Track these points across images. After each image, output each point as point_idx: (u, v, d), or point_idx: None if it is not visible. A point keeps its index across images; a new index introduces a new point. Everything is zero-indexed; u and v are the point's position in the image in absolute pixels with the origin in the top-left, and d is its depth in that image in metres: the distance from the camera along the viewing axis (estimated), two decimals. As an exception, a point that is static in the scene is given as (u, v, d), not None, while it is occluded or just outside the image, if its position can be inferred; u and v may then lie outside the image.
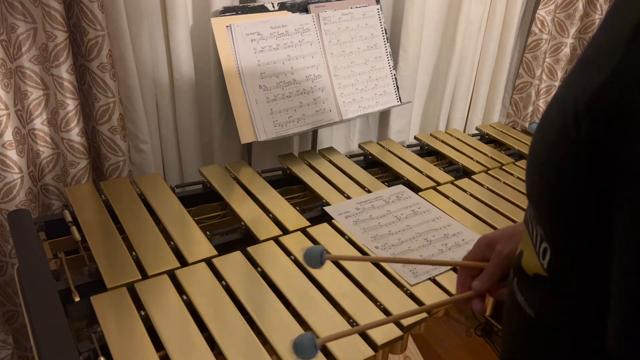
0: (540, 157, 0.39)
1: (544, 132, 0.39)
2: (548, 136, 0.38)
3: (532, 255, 0.43)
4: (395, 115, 1.62)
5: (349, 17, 1.37)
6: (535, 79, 1.80)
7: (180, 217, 1.02)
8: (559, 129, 0.35)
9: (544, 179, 0.39)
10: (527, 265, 0.45)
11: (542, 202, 0.40)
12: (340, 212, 1.09)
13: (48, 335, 0.73)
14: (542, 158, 0.39)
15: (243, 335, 0.78)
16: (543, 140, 0.39)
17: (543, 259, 0.41)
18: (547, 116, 0.40)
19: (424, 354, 1.65)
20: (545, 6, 1.70)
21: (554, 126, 0.37)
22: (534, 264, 0.43)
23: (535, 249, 0.42)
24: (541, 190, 0.40)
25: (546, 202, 0.40)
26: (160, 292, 0.84)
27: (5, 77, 1.02)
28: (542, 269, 0.41)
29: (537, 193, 0.41)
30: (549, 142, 0.38)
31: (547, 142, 0.38)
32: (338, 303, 0.85)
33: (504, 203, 1.20)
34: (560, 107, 0.36)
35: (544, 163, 0.39)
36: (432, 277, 0.94)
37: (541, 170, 0.39)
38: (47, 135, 1.15)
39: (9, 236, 1.11)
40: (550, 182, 0.38)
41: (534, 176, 0.41)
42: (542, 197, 0.40)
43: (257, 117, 1.23)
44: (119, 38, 1.14)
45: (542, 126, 0.40)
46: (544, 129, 0.40)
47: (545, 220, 0.41)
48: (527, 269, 0.44)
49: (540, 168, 0.40)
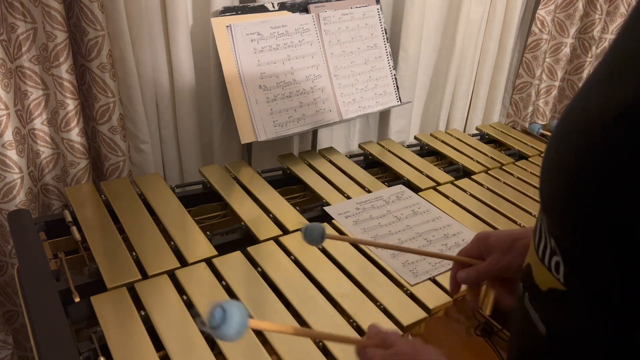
0: (560, 170, 0.38)
1: (562, 144, 0.38)
2: (568, 149, 0.37)
3: (542, 269, 0.41)
4: (395, 115, 1.62)
5: (349, 17, 1.37)
6: (535, 79, 1.80)
7: (180, 217, 1.02)
8: (584, 142, 0.34)
9: (566, 191, 0.37)
10: (540, 280, 0.43)
11: (563, 215, 0.39)
12: (340, 212, 1.09)
13: (48, 335, 0.73)
14: (562, 171, 0.38)
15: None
16: (562, 153, 0.38)
17: (557, 273, 0.40)
18: (565, 128, 0.38)
19: (424, 354, 1.64)
20: (545, 6, 1.70)
21: (576, 140, 0.36)
22: (547, 278, 0.41)
23: (545, 262, 0.41)
24: (562, 203, 0.38)
25: (568, 215, 0.38)
26: (160, 292, 0.84)
27: (5, 77, 1.02)
28: (559, 283, 0.40)
29: (556, 206, 0.39)
30: (570, 155, 0.37)
31: (567, 155, 0.37)
32: (338, 303, 0.85)
33: (504, 203, 1.20)
34: (583, 120, 0.35)
35: (566, 175, 0.37)
36: (432, 277, 0.94)
37: (562, 182, 0.38)
38: (47, 135, 1.15)
39: (9, 236, 1.11)
40: (575, 194, 0.36)
41: (552, 189, 0.40)
42: (563, 210, 0.38)
43: (257, 117, 1.23)
44: (119, 38, 1.14)
45: (559, 138, 0.39)
46: (561, 142, 0.38)
47: (563, 232, 0.39)
48: (540, 284, 0.43)
49: (560, 180, 0.38)
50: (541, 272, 0.42)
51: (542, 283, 0.42)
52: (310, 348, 0.77)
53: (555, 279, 0.40)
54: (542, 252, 0.42)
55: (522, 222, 1.13)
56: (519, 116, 1.88)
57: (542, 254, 0.42)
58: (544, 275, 0.41)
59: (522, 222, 1.12)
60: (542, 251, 0.42)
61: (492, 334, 1.81)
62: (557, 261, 0.39)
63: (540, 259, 0.42)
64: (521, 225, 1.12)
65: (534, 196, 1.24)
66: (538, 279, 0.43)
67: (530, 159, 1.46)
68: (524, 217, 1.15)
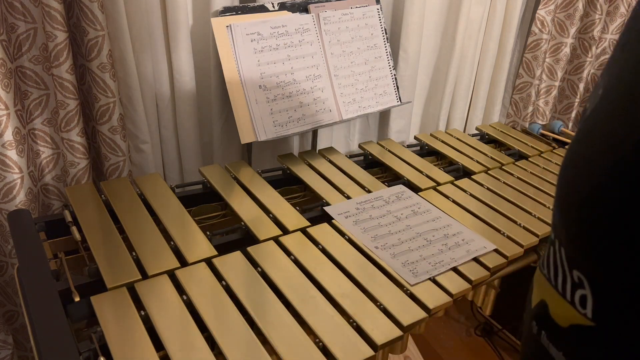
0: (582, 196, 0.36)
1: (583, 167, 0.36)
2: (591, 172, 0.35)
3: (563, 304, 0.39)
4: (395, 115, 1.62)
5: (349, 17, 1.37)
6: (535, 79, 1.80)
7: (180, 217, 1.02)
8: (611, 164, 0.33)
9: (590, 218, 0.35)
10: (559, 317, 0.40)
11: (587, 244, 0.36)
12: (340, 212, 1.09)
13: (48, 335, 0.73)
14: (584, 196, 0.36)
15: (243, 335, 0.78)
16: (583, 177, 0.36)
17: (583, 308, 0.37)
18: (582, 151, 0.36)
19: (424, 354, 1.65)
20: (545, 6, 1.70)
21: (601, 161, 0.34)
22: (569, 314, 0.39)
23: (567, 297, 0.39)
24: (586, 231, 0.36)
25: (594, 244, 0.36)
26: (160, 292, 0.84)
27: (5, 77, 1.02)
28: (585, 319, 0.37)
29: (578, 234, 0.37)
30: (594, 179, 0.35)
31: (590, 179, 0.35)
32: (338, 303, 0.85)
33: (504, 203, 1.20)
34: (607, 141, 0.33)
35: (589, 201, 0.35)
36: (432, 277, 0.94)
37: (585, 209, 0.36)
38: (47, 135, 1.15)
39: (9, 236, 1.11)
40: (601, 221, 0.34)
41: (573, 217, 0.37)
42: (587, 238, 0.36)
43: (257, 117, 1.23)
44: (119, 38, 1.14)
45: (576, 161, 0.37)
46: (581, 165, 0.36)
47: (591, 262, 0.37)
48: (561, 320, 0.40)
49: (583, 207, 0.36)
50: (562, 307, 0.40)
51: (563, 319, 0.40)
52: (310, 348, 0.77)
53: (580, 314, 0.38)
54: (561, 285, 0.39)
55: (522, 222, 1.13)
56: (519, 116, 1.88)
57: (562, 288, 0.39)
58: (566, 311, 0.39)
59: (522, 222, 1.12)
60: (561, 285, 0.39)
61: (492, 334, 1.81)
62: (582, 295, 0.37)
63: (561, 294, 0.39)
64: (521, 225, 1.12)
65: (534, 196, 1.24)
66: (557, 315, 0.41)
67: (530, 159, 1.46)
68: (524, 217, 1.15)
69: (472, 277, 0.96)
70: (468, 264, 0.99)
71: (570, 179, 0.38)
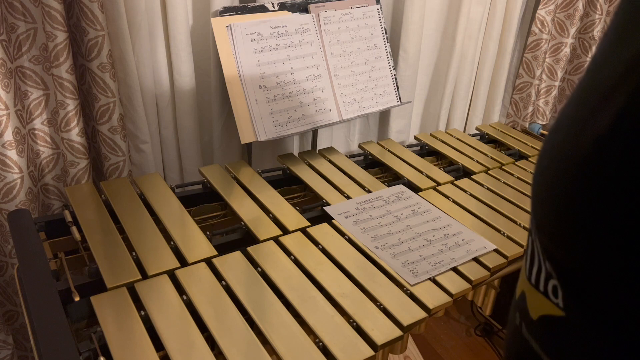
0: (555, 189, 0.37)
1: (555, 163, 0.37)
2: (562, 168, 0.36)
3: (537, 295, 0.40)
4: (395, 115, 1.63)
5: (349, 17, 1.37)
6: (535, 79, 1.81)
7: (180, 217, 1.02)
8: (580, 161, 0.34)
9: (563, 211, 0.36)
10: (532, 308, 0.41)
11: (558, 232, 0.37)
12: (340, 212, 1.09)
13: (48, 335, 0.73)
14: (556, 189, 0.37)
15: (243, 335, 0.78)
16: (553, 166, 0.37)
17: (555, 297, 0.38)
18: (551, 140, 0.37)
19: (424, 354, 1.65)
20: (545, 6, 1.70)
21: (571, 158, 0.35)
22: (541, 304, 0.39)
23: (540, 288, 0.39)
24: (556, 219, 0.37)
25: (563, 232, 0.36)
26: (160, 292, 0.84)
27: (5, 77, 1.02)
28: (557, 309, 0.38)
29: (550, 223, 0.38)
30: (566, 173, 0.35)
31: (562, 173, 0.36)
32: (338, 303, 0.85)
33: (504, 203, 1.20)
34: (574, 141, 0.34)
35: (561, 193, 0.36)
36: (432, 277, 0.94)
37: (558, 201, 0.37)
38: (47, 135, 1.15)
39: (9, 236, 1.11)
40: (573, 214, 0.35)
41: (547, 209, 0.38)
42: (558, 227, 0.37)
43: (257, 117, 1.23)
44: (119, 38, 1.14)
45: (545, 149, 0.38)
46: (548, 152, 0.38)
47: (559, 251, 0.37)
48: (532, 311, 0.41)
49: (555, 199, 0.37)
50: (535, 298, 0.40)
51: (534, 310, 0.41)
52: (310, 348, 0.77)
53: (553, 304, 0.38)
54: (535, 276, 0.40)
55: (522, 222, 1.13)
56: (519, 116, 1.88)
57: (535, 279, 0.40)
58: (539, 301, 0.40)
59: (522, 222, 1.12)
60: (535, 276, 0.40)
61: (492, 334, 1.81)
62: (554, 285, 0.38)
63: (534, 285, 0.40)
64: (521, 225, 1.12)
65: (534, 196, 1.24)
66: (530, 306, 0.41)
67: (531, 159, 1.46)
68: (524, 217, 1.15)
69: (472, 277, 0.96)
70: (468, 264, 0.99)
71: (542, 174, 0.39)
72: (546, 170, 0.38)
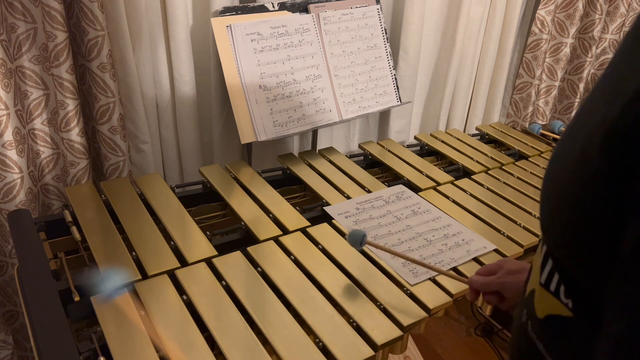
0: (561, 191, 0.37)
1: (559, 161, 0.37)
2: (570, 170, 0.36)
3: (546, 295, 0.40)
4: (395, 115, 1.62)
5: (349, 17, 1.37)
6: (535, 79, 1.80)
7: (180, 217, 1.02)
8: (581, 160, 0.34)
9: (567, 214, 0.36)
10: (539, 307, 0.42)
11: (564, 238, 0.37)
12: (340, 212, 1.09)
13: (48, 335, 0.73)
14: (563, 192, 0.37)
15: (243, 335, 0.78)
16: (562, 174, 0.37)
17: (566, 298, 0.38)
18: (561, 147, 0.37)
19: (424, 354, 1.65)
20: (545, 6, 1.70)
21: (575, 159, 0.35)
22: (550, 304, 0.40)
23: (550, 288, 0.40)
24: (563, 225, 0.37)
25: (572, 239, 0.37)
26: (160, 292, 0.84)
27: (5, 77, 1.02)
28: (567, 309, 0.38)
29: (557, 229, 0.38)
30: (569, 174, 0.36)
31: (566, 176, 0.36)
32: (338, 303, 0.85)
33: (504, 203, 1.20)
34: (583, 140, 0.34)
35: (568, 197, 0.36)
36: (432, 277, 0.94)
37: (563, 204, 0.37)
38: (47, 135, 1.15)
39: (9, 236, 1.11)
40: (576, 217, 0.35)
41: (554, 211, 0.38)
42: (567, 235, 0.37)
43: (257, 117, 1.23)
44: (119, 38, 1.14)
45: (555, 156, 0.38)
46: (558, 159, 0.38)
47: (568, 257, 0.38)
48: (539, 311, 0.41)
49: (562, 202, 0.37)
50: (544, 298, 0.40)
51: (541, 310, 0.41)
52: (310, 348, 0.77)
53: (562, 304, 0.38)
54: (546, 277, 0.40)
55: (522, 222, 1.13)
56: (519, 116, 1.88)
57: (546, 280, 0.40)
58: (548, 301, 0.40)
59: (522, 222, 1.12)
60: (546, 276, 0.40)
61: (492, 334, 1.81)
62: (565, 287, 0.38)
63: (544, 285, 0.40)
64: (521, 225, 1.12)
65: (534, 196, 1.24)
66: (538, 305, 0.42)
67: (530, 159, 1.46)
68: (524, 217, 1.15)
69: (472, 277, 0.95)
70: (468, 264, 0.99)
71: (551, 177, 0.40)
72: (554, 178, 0.38)
